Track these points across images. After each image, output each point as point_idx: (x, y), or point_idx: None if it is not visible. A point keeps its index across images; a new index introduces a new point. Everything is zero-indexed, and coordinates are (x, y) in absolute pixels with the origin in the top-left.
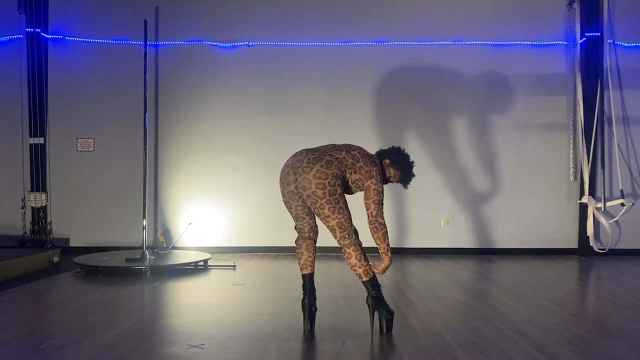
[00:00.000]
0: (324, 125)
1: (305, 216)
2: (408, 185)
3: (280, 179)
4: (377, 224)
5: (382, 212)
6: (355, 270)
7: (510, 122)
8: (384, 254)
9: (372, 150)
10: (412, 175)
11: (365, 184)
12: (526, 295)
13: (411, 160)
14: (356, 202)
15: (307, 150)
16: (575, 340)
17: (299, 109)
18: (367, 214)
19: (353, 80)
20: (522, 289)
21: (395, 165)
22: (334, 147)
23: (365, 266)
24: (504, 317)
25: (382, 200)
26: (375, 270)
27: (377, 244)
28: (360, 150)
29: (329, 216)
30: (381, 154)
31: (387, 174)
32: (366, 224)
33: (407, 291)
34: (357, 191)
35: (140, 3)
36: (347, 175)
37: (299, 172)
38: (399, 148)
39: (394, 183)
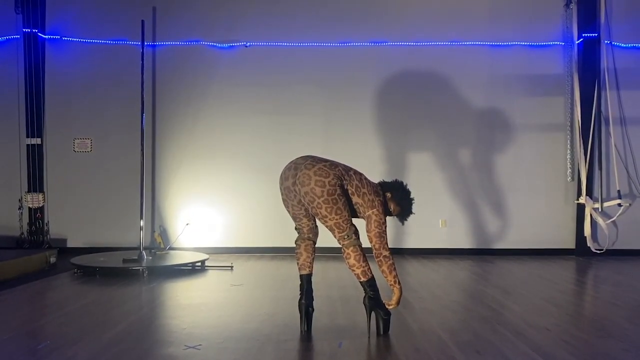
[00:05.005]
0: (321, 126)
1: (302, 217)
2: (405, 221)
3: (281, 174)
4: (382, 257)
5: (386, 244)
6: (353, 270)
7: (507, 123)
8: (392, 286)
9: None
10: (411, 212)
11: (366, 214)
12: (523, 295)
13: (412, 197)
14: None
15: (316, 156)
16: (572, 341)
17: (296, 109)
18: (371, 246)
19: (350, 80)
20: (519, 290)
21: (396, 200)
22: (344, 164)
23: (363, 267)
24: (501, 318)
25: (385, 231)
26: (388, 306)
27: (384, 276)
28: (366, 177)
29: (326, 216)
30: (384, 186)
31: (387, 207)
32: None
33: (405, 292)
34: (359, 216)
35: (138, 3)
36: (348, 191)
37: (300, 168)
38: (401, 183)
39: (392, 217)
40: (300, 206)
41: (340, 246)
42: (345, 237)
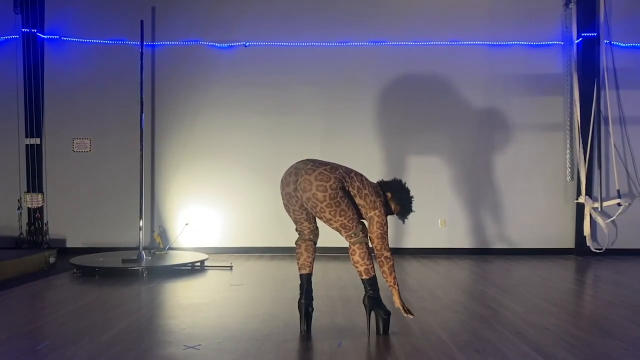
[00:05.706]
0: (320, 126)
1: (303, 221)
2: (406, 220)
3: (282, 179)
4: (383, 258)
5: (388, 245)
6: (356, 267)
7: (507, 122)
8: (390, 287)
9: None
10: (412, 210)
11: (369, 215)
12: (523, 295)
13: (411, 195)
14: None
15: (316, 159)
16: (571, 340)
17: (295, 109)
18: (373, 247)
19: (350, 80)
20: (519, 289)
21: (396, 200)
22: (345, 166)
23: (367, 265)
24: (501, 317)
25: (387, 232)
26: (405, 312)
27: (384, 277)
28: (366, 178)
29: (330, 219)
30: (383, 186)
31: (388, 206)
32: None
33: (404, 291)
34: (362, 217)
35: (137, 3)
36: (350, 193)
37: (301, 173)
38: (400, 181)
39: (392, 216)
40: (302, 210)
41: (340, 247)
42: (352, 235)
